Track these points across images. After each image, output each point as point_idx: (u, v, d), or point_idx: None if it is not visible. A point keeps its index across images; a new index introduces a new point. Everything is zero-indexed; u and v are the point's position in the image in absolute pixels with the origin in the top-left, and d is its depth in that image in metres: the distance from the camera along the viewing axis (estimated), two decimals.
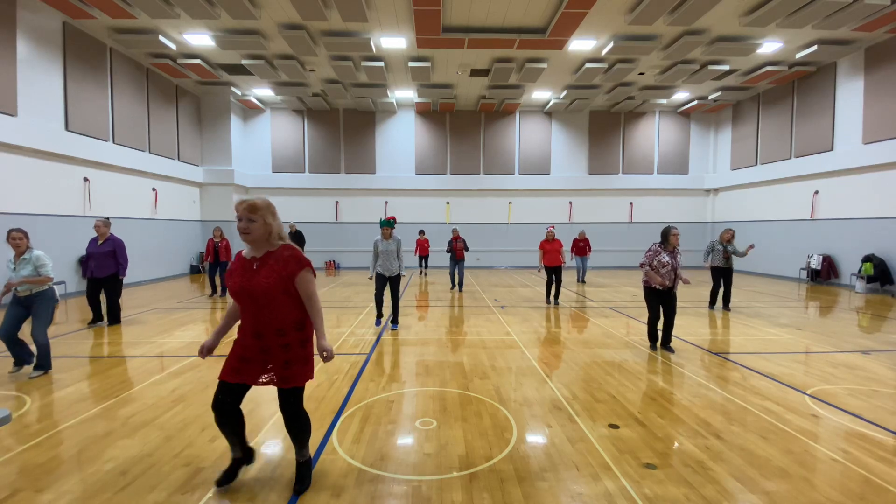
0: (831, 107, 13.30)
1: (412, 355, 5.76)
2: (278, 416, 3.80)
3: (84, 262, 7.50)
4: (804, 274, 14.14)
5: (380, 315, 7.46)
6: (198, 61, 12.91)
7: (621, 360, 5.59)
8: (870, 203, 12.26)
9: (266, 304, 2.50)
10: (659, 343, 6.05)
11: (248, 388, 2.65)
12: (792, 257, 14.66)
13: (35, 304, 4.88)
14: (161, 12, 9.91)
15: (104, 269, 7.30)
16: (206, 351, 2.67)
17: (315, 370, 5.01)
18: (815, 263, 13.53)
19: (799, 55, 12.40)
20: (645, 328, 7.02)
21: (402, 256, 7.16)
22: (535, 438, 3.45)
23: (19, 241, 4.87)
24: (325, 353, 2.55)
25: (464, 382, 4.71)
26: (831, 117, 13.31)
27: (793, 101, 14.64)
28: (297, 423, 2.69)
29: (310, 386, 4.57)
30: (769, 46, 11.90)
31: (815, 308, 9.62)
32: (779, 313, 8.79)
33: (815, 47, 11.86)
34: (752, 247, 8.81)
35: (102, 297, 7.54)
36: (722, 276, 8.99)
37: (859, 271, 11.90)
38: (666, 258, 5.73)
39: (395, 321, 7.32)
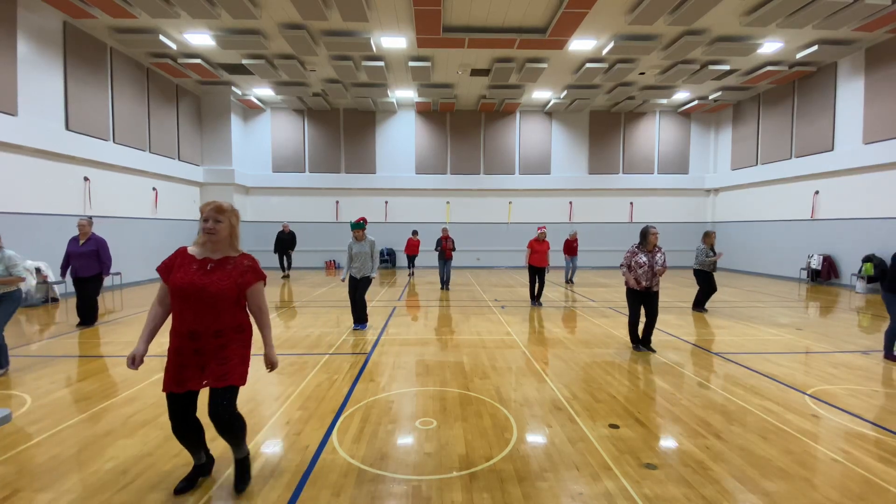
0: (832, 107, 13.28)
1: (412, 355, 5.76)
2: (278, 416, 3.80)
3: (64, 262, 7.29)
4: (804, 274, 14.13)
5: (361, 319, 7.22)
6: (198, 61, 12.90)
7: (621, 360, 5.59)
8: (870, 203, 12.25)
9: (213, 305, 2.48)
10: (640, 341, 6.01)
11: (197, 394, 2.60)
12: (792, 257, 14.65)
13: (1, 303, 4.80)
14: (161, 12, 9.90)
15: (89, 268, 7.18)
16: (139, 360, 2.51)
17: (313, 371, 5.05)
18: (816, 263, 13.52)
19: (799, 55, 12.39)
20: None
21: (377, 258, 7.06)
22: (536, 438, 3.45)
23: None
24: (270, 366, 2.63)
25: (464, 382, 4.71)
26: (832, 117, 13.30)
27: (793, 101, 14.63)
28: (232, 427, 2.55)
29: (310, 385, 4.58)
30: (769, 46, 11.89)
31: (816, 308, 9.61)
32: (779, 313, 8.78)
33: (815, 47, 11.85)
34: (720, 254, 8.99)
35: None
36: (707, 280, 8.81)
37: (859, 271, 11.89)
38: (643, 258, 5.77)
39: (362, 321, 7.19)
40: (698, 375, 4.97)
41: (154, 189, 13.85)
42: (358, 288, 7.04)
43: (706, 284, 8.83)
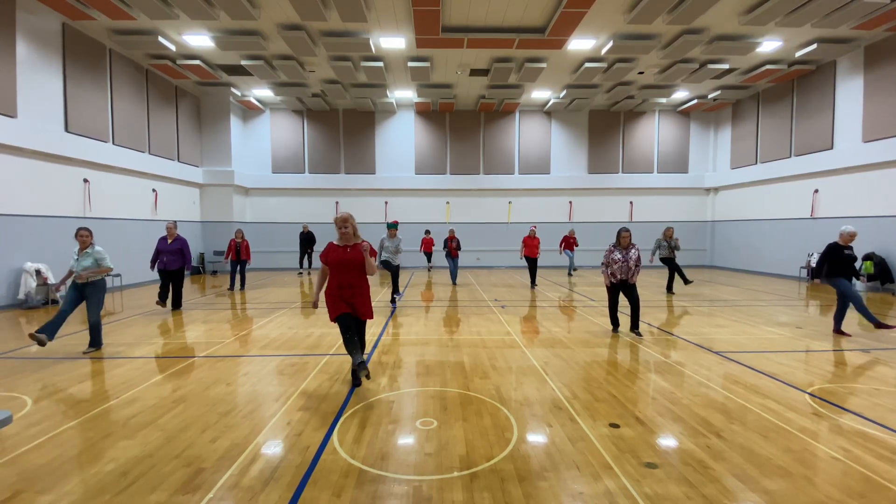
0: (831, 105, 13.28)
1: (412, 355, 5.76)
2: (278, 418, 3.82)
3: (154, 257, 8.71)
4: (804, 272, 14.13)
5: (396, 292, 9.88)
6: (197, 62, 12.90)
7: (621, 359, 5.60)
8: (870, 201, 12.24)
9: (353, 269, 4.35)
10: (629, 328, 6.88)
11: (352, 316, 4.34)
12: (792, 256, 14.65)
13: (88, 290, 5.81)
14: (160, 13, 9.90)
15: (174, 263, 8.66)
16: (316, 304, 4.56)
17: (314, 371, 5.06)
18: (816, 262, 13.49)
19: (798, 54, 12.38)
20: (628, 321, 7.16)
21: (401, 250, 9.84)
22: (536, 438, 3.45)
23: (84, 238, 5.84)
24: (371, 272, 4.45)
25: (464, 382, 4.72)
26: (831, 116, 13.29)
27: (792, 100, 14.63)
28: (363, 340, 4.64)
29: (310, 386, 4.59)
30: (768, 45, 11.88)
31: (816, 306, 9.61)
32: (779, 312, 8.79)
33: (814, 46, 11.85)
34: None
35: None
36: (669, 265, 11.14)
37: (859, 269, 11.88)
38: (618, 255, 6.70)
39: (395, 292, 9.90)
40: (698, 374, 4.97)
41: (154, 190, 13.85)
42: (393, 268, 9.74)
43: (671, 270, 11.14)
